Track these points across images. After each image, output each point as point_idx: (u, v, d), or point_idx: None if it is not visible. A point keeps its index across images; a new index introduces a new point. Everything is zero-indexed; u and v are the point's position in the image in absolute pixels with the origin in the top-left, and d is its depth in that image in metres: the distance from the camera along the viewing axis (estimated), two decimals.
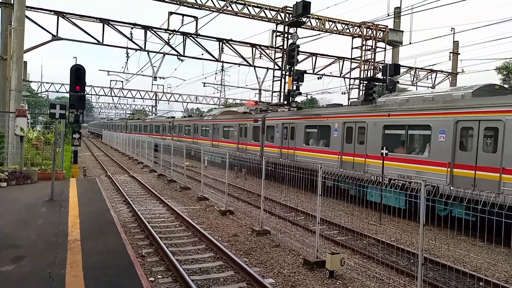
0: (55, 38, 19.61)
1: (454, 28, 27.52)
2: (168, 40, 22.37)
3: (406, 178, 12.65)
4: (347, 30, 25.29)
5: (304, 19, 21.73)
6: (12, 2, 17.39)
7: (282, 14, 22.66)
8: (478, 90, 12.40)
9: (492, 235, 9.27)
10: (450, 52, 30.25)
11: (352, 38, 25.95)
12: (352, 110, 16.62)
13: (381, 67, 25.41)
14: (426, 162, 12.53)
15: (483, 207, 5.47)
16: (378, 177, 13.01)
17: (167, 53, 23.19)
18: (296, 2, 20.40)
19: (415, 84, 30.73)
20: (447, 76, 31.15)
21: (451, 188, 10.98)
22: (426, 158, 12.57)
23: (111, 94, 52.34)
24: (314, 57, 26.68)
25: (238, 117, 27.31)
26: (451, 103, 12.21)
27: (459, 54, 30.58)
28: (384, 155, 13.02)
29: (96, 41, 20.73)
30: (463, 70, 30.93)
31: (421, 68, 30.68)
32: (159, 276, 7.20)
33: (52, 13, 19.87)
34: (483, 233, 10.28)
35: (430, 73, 30.95)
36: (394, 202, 12.24)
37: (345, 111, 16.91)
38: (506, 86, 37.47)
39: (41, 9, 19.59)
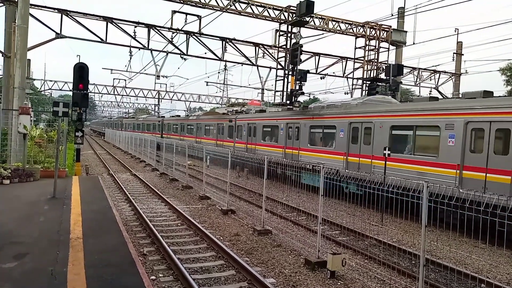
0: (59, 36, 19.63)
1: (458, 29, 27.48)
2: (172, 38, 22.37)
3: (320, 164, 15.36)
4: (351, 30, 25.21)
5: (307, 19, 21.68)
6: (16, 0, 17.44)
7: (286, 14, 22.61)
8: (368, 100, 17.13)
9: (494, 237, 9.28)
10: (453, 53, 30.13)
11: (356, 38, 25.87)
12: (292, 113, 20.58)
13: (384, 67, 25.35)
14: (333, 152, 16.76)
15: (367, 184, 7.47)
16: (307, 164, 16.91)
17: (170, 52, 23.18)
18: (300, 1, 20.36)
19: (418, 85, 30.63)
20: (450, 76, 31.04)
21: (346, 171, 14.96)
22: (333, 149, 16.79)
23: (114, 92, 52.40)
24: (317, 57, 26.63)
25: (217, 117, 31.53)
26: (347, 109, 16.62)
27: (463, 54, 30.45)
28: (386, 156, 13.07)
29: (99, 40, 20.75)
30: (466, 71, 30.82)
31: (424, 69, 30.55)
32: (160, 275, 7.22)
33: (56, 11, 19.89)
34: (485, 235, 10.25)
35: (433, 74, 30.83)
36: (316, 183, 14.26)
37: (288, 114, 20.85)
38: (509, 87, 37.39)
39: (45, 7, 19.62)
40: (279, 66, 24.44)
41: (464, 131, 11.49)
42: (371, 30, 25.61)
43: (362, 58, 26.04)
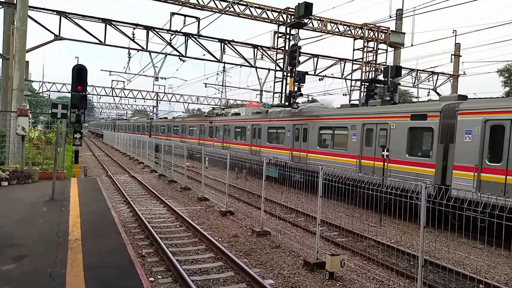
0: (57, 38, 19.64)
1: (456, 30, 27.52)
2: (170, 40, 22.38)
3: (275, 159, 19.71)
4: (349, 32, 25.27)
5: (306, 21, 21.74)
6: (14, 2, 17.43)
7: (284, 15, 22.66)
8: (308, 107, 22.00)
9: (492, 238, 9.31)
10: (451, 54, 30.20)
11: (354, 40, 25.92)
12: (256, 117, 24.98)
13: (382, 68, 25.39)
14: (283, 148, 20.86)
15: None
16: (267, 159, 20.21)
17: (169, 54, 23.19)
18: (298, 3, 20.41)
19: (417, 86, 30.69)
20: (448, 78, 31.11)
21: (292, 162, 18.87)
22: (283, 146, 20.89)
23: (112, 94, 52.31)
24: (315, 59, 26.66)
25: (199, 119, 35.33)
26: (293, 114, 20.56)
27: (461, 56, 30.53)
28: (385, 157, 13.15)
29: (98, 41, 20.76)
30: (464, 72, 30.87)
31: (423, 70, 30.62)
32: (159, 276, 7.22)
33: (55, 13, 19.90)
34: (483, 236, 10.30)
35: (431, 75, 30.91)
36: (273, 173, 18.37)
37: (253, 118, 25.17)
38: (507, 88, 37.47)
39: (44, 9, 19.63)
40: (277, 68, 24.48)
41: (362, 130, 15.23)
42: (370, 31, 25.67)
43: (361, 60, 26.09)
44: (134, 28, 21.55)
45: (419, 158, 12.95)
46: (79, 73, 15.02)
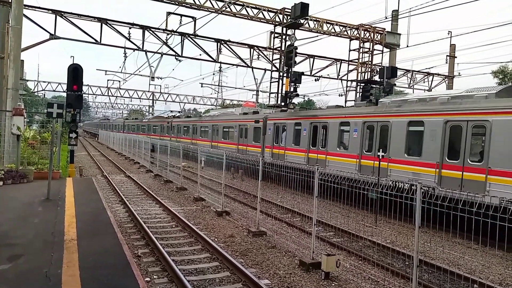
0: (53, 37, 19.55)
1: (451, 32, 27.68)
2: (166, 40, 22.35)
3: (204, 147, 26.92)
4: (345, 32, 25.36)
5: (302, 21, 21.81)
6: (10, 0, 17.33)
7: (281, 16, 22.70)
8: (223, 112, 32.92)
9: (486, 238, 9.38)
10: (446, 56, 30.35)
11: (350, 40, 26.02)
12: (195, 119, 35.05)
13: (378, 69, 25.52)
14: (207, 141, 30.85)
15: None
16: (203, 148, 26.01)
17: (165, 53, 23.15)
18: (295, 3, 20.47)
19: (412, 87, 30.83)
20: (443, 79, 31.28)
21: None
22: (207, 139, 31.01)
23: (108, 93, 52.16)
24: (311, 59, 26.72)
25: (161, 120, 46.48)
26: (213, 117, 31.50)
27: (456, 57, 30.68)
28: (380, 157, 13.21)
29: (94, 41, 20.69)
30: (459, 73, 31.03)
31: (418, 71, 30.76)
32: (155, 277, 7.21)
33: (50, 12, 19.81)
34: (477, 236, 10.37)
35: (426, 76, 31.06)
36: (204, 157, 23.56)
37: (193, 119, 35.00)
38: None
39: (39, 7, 19.53)
40: (273, 68, 24.51)
41: (238, 128, 25.79)
42: (365, 32, 25.77)
43: (356, 60, 26.18)
44: (130, 28, 21.50)
45: (257, 143, 23.32)
46: (75, 73, 15.01)
